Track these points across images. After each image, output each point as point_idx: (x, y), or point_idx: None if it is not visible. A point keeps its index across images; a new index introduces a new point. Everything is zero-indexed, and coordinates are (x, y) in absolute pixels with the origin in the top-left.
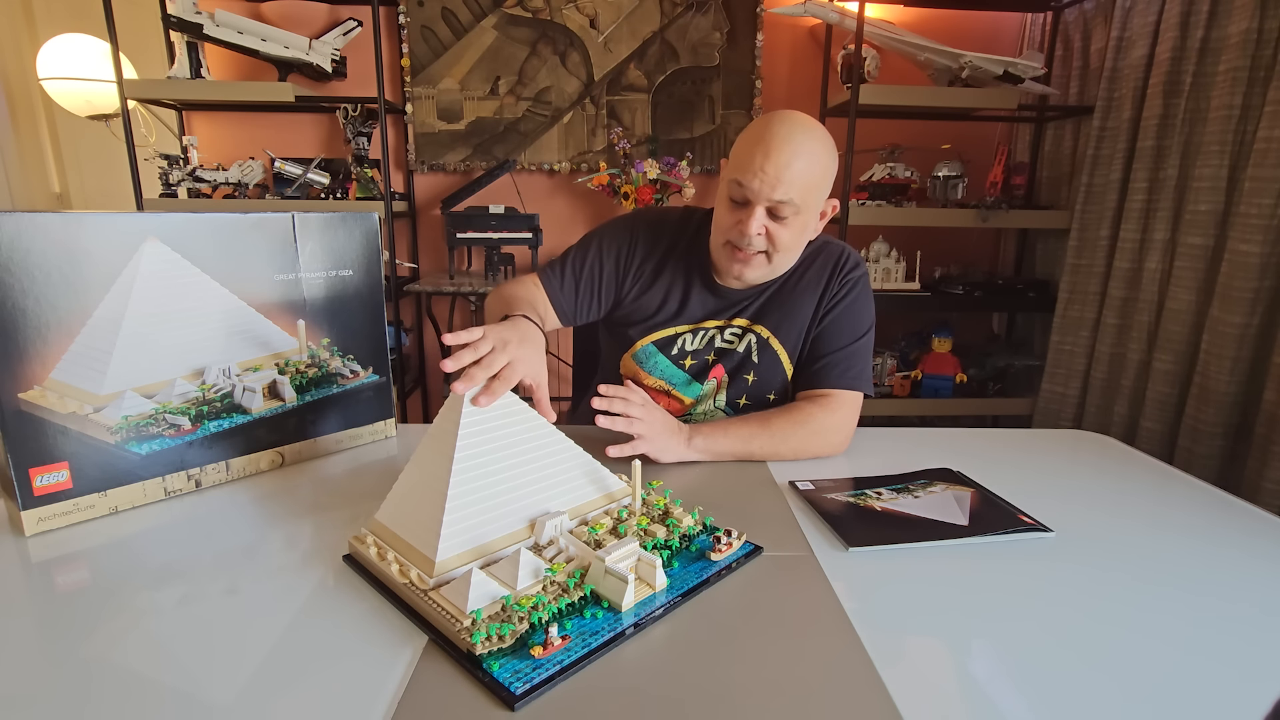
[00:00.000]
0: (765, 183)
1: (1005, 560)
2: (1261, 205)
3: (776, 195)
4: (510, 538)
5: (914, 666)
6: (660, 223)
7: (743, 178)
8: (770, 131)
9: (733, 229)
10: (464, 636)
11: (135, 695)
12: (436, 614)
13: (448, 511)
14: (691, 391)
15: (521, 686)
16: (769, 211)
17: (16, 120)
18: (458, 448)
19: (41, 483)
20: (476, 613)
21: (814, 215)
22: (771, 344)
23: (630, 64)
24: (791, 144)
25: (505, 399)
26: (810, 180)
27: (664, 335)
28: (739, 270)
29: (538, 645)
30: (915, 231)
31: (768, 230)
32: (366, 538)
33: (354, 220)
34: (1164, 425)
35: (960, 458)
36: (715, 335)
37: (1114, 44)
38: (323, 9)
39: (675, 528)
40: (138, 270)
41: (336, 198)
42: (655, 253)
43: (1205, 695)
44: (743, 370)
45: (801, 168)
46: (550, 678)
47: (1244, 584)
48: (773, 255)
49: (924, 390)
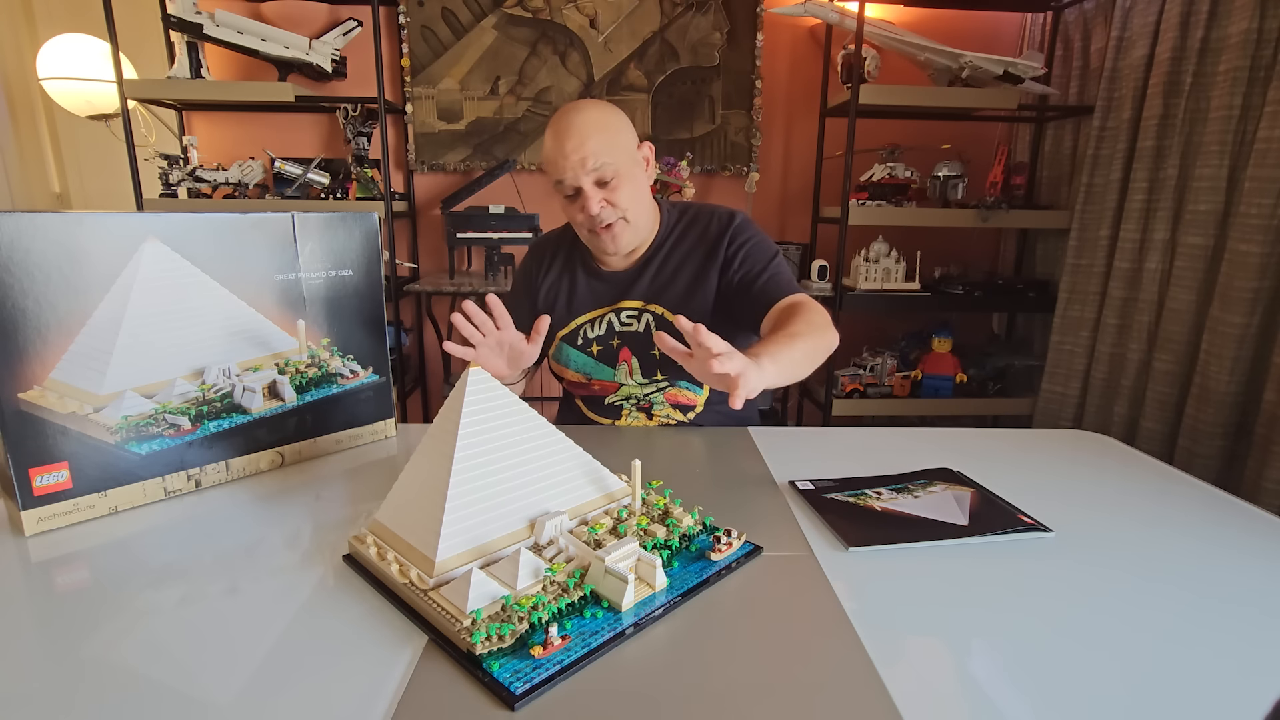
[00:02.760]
0: (575, 166)
1: (1005, 560)
2: (1261, 205)
3: (590, 168)
4: (510, 538)
5: (914, 666)
6: (541, 243)
7: (559, 175)
8: (558, 128)
9: (583, 217)
10: (464, 636)
11: (135, 695)
12: (436, 614)
13: (447, 511)
14: (606, 375)
15: (521, 686)
16: (597, 185)
17: (16, 120)
18: (458, 447)
19: (41, 483)
20: (476, 612)
21: (634, 166)
22: (667, 318)
23: (630, 64)
24: (576, 125)
25: (505, 398)
26: (607, 142)
27: (569, 330)
28: (611, 243)
29: (538, 645)
30: (915, 231)
31: (606, 200)
32: (366, 538)
33: (354, 220)
34: (1164, 425)
35: (960, 458)
36: (612, 318)
37: (1114, 44)
38: (323, 9)
39: (675, 527)
40: (138, 270)
41: (336, 198)
42: (544, 265)
43: (1206, 695)
44: (648, 348)
45: (594, 137)
46: (550, 678)
47: (1244, 584)
48: (628, 215)
49: (924, 390)
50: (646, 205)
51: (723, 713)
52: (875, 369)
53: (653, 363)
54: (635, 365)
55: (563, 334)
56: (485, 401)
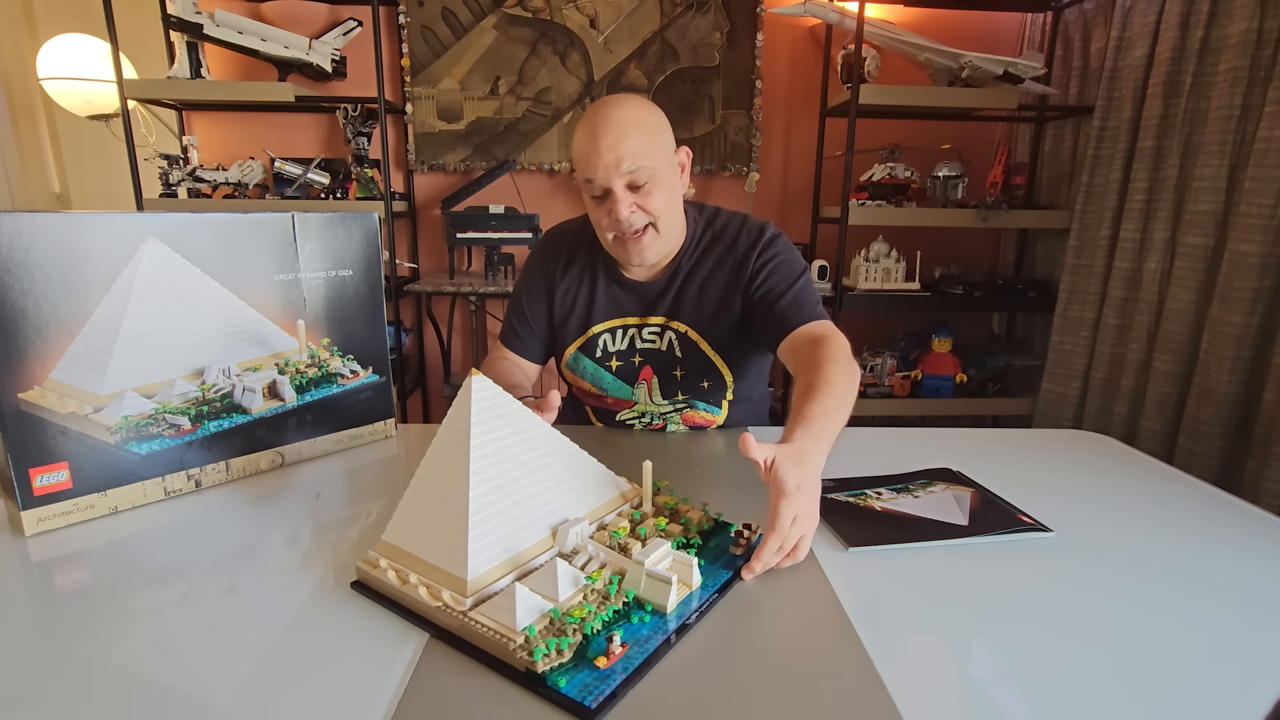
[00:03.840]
0: (609, 166)
1: (1005, 560)
2: (1261, 205)
3: (624, 169)
4: (536, 547)
5: (914, 666)
6: (559, 235)
7: (590, 173)
8: (593, 122)
9: (609, 221)
10: (521, 655)
11: (136, 695)
12: (483, 635)
13: (471, 526)
14: (624, 393)
15: (595, 700)
16: (629, 189)
17: (16, 120)
18: (471, 458)
19: (41, 483)
20: (529, 629)
21: (671, 171)
22: (690, 337)
23: (630, 64)
24: (613, 122)
25: (510, 405)
26: (646, 143)
27: (586, 338)
28: (637, 253)
29: (600, 656)
30: (915, 231)
31: (638, 205)
32: (378, 561)
33: (354, 220)
34: (1164, 425)
35: (960, 458)
36: (635, 334)
37: (1114, 44)
38: (323, 9)
39: (692, 525)
40: (138, 270)
41: (336, 198)
42: (560, 265)
43: (1206, 695)
44: (670, 367)
45: (633, 136)
46: (619, 687)
47: (1244, 584)
48: (658, 224)
49: (924, 390)
50: (678, 215)
51: (729, 712)
52: (875, 369)
53: (674, 383)
54: (655, 385)
55: (580, 343)
56: (491, 409)
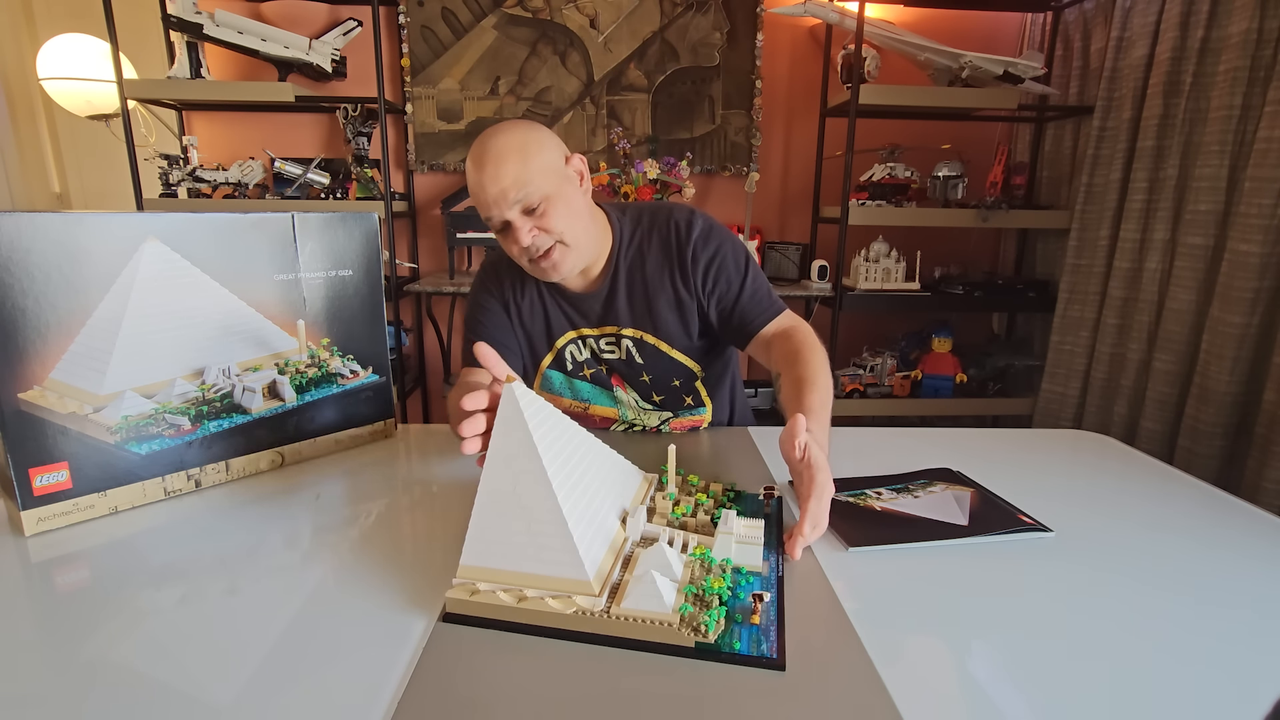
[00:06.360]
0: (497, 200)
1: (1005, 560)
2: (1261, 205)
3: (513, 199)
4: (619, 537)
5: (914, 666)
6: (499, 260)
7: (484, 211)
8: (475, 160)
9: (517, 250)
10: (685, 633)
11: (136, 695)
12: (636, 628)
13: (571, 526)
14: (606, 402)
15: (771, 648)
16: (525, 214)
17: (16, 120)
18: (544, 463)
19: (41, 483)
20: (684, 607)
21: (564, 184)
22: (646, 340)
23: (630, 64)
24: (490, 155)
25: (546, 408)
26: (527, 167)
27: (555, 353)
28: (552, 270)
29: (754, 614)
30: (915, 231)
31: (538, 228)
32: (476, 585)
33: (354, 220)
34: (1164, 425)
35: (960, 458)
36: (594, 345)
37: (1114, 44)
38: (323, 9)
39: (719, 497)
40: (137, 270)
41: (336, 198)
42: (510, 286)
43: (1205, 695)
44: (636, 373)
45: (511, 164)
46: (780, 634)
47: (1244, 584)
48: (565, 238)
49: (924, 390)
50: (585, 223)
51: (728, 712)
52: (875, 369)
53: (646, 387)
54: (632, 393)
55: (547, 363)
56: (538, 414)
